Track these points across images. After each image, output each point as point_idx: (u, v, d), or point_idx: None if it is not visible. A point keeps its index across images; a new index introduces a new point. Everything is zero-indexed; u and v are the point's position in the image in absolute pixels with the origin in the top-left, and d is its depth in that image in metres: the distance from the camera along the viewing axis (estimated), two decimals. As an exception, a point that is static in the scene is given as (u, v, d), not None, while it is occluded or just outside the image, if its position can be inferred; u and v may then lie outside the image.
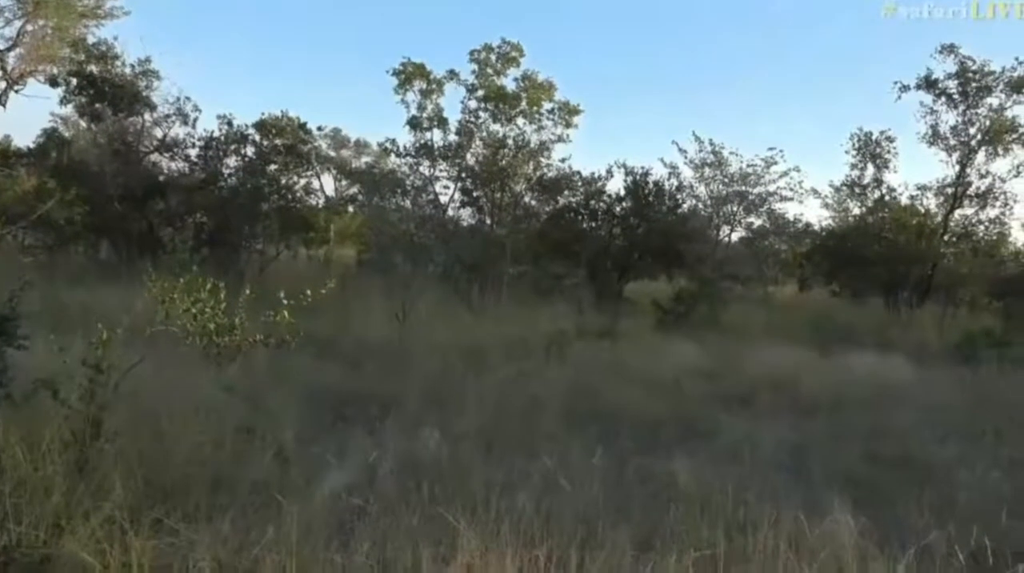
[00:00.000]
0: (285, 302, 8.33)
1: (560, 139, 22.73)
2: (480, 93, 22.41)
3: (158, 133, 22.82)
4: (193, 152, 22.62)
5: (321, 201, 26.43)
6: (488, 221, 23.02)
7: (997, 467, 6.78)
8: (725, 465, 6.45)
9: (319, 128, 26.02)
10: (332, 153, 33.54)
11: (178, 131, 22.75)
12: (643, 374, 10.58)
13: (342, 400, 8.22)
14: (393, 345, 11.75)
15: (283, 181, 23.28)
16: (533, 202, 23.42)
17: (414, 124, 22.62)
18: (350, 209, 28.48)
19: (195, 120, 22.59)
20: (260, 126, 23.11)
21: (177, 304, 8.58)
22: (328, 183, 28.27)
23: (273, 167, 23.00)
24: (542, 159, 22.75)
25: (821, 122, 50.76)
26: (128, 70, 22.01)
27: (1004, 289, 22.44)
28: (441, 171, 23.16)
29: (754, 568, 4.16)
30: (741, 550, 4.40)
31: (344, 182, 29.88)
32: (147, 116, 22.52)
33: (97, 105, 21.35)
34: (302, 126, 23.76)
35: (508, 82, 22.40)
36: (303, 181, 24.41)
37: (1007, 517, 4.71)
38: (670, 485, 5.85)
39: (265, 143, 22.94)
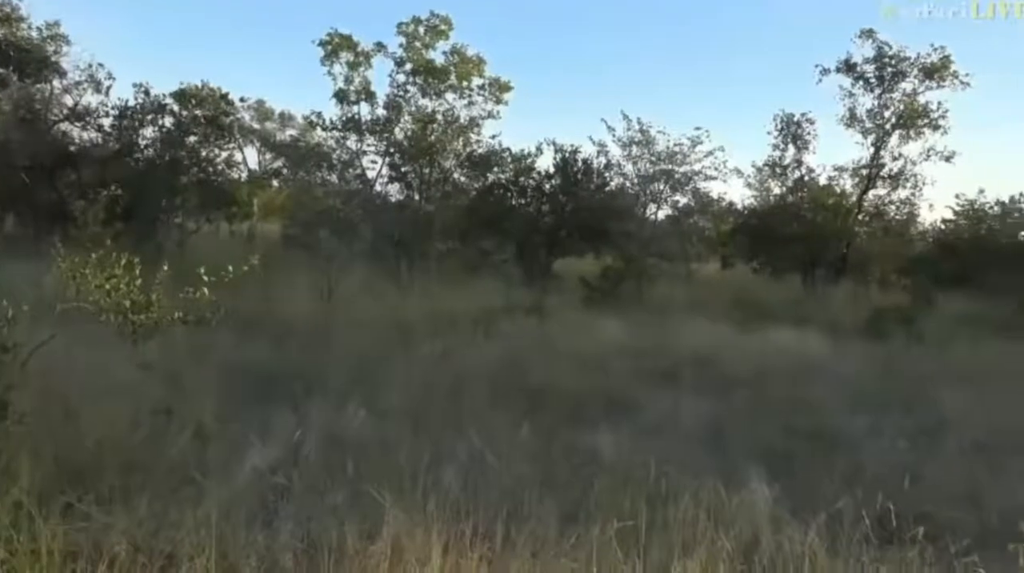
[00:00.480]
0: (205, 278, 8.07)
1: (490, 115, 22.67)
2: (408, 67, 22.09)
3: (68, 101, 21.73)
4: (107, 122, 21.62)
5: (244, 174, 25.70)
6: (417, 197, 22.81)
7: (903, 436, 7.13)
8: (649, 439, 6.59)
9: (242, 99, 25.36)
10: (256, 125, 32.64)
11: (90, 99, 21.71)
12: (570, 350, 10.70)
13: (265, 378, 8.05)
14: (319, 322, 11.56)
15: (203, 153, 22.49)
16: (463, 178, 23.30)
17: (341, 97, 22.17)
18: (274, 183, 27.79)
19: (108, 88, 21.63)
20: (179, 96, 22.22)
21: (89, 280, 8.21)
22: (251, 156, 27.52)
23: (193, 139, 22.19)
24: (472, 135, 22.65)
25: (747, 103, 51.89)
26: (35, 33, 20.87)
27: (912, 267, 23.45)
28: (369, 146, 22.85)
29: (674, 537, 4.26)
30: (662, 520, 4.51)
31: (268, 155, 29.12)
32: (56, 83, 21.44)
33: (1, 70, 20.17)
34: (224, 97, 22.99)
35: (437, 56, 22.19)
36: (225, 154, 23.67)
37: (910, 483, 4.94)
38: (595, 459, 5.95)
39: (184, 114, 22.09)
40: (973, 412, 8.09)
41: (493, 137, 22.85)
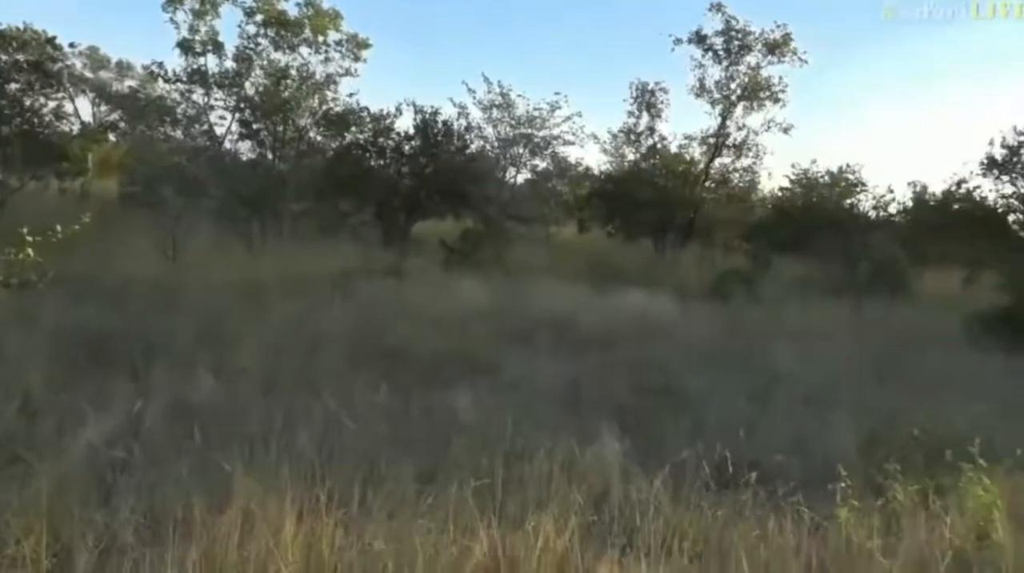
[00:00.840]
0: (30, 238, 7.39)
1: (348, 73, 22.00)
2: (259, 17, 20.97)
3: None
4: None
5: (76, 127, 23.65)
6: (270, 156, 21.87)
7: (741, 392, 7.62)
8: (506, 398, 6.70)
9: (72, 45, 23.05)
10: (89, 74, 30.10)
11: None
12: (429, 313, 10.68)
13: (102, 343, 7.53)
14: (162, 284, 10.92)
15: (27, 103, 20.49)
16: (318, 137, 22.52)
17: (185, 47, 20.77)
18: (111, 138, 25.79)
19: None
20: (-4, 38, 20.09)
21: None
22: (84, 108, 25.38)
23: (14, 86, 20.15)
24: (328, 93, 21.91)
25: (605, 71, 52.99)
26: None
27: (753, 232, 24.93)
28: (217, 100, 21.57)
29: (530, 493, 4.38)
30: (518, 477, 4.62)
31: (104, 107, 26.97)
32: None
33: None
34: (50, 41, 20.93)
35: (290, 7, 21.20)
36: (53, 104, 21.66)
37: (745, 434, 5.31)
38: (453, 419, 5.99)
39: (4, 58, 20.00)
40: (802, 367, 8.75)
41: (351, 95, 22.22)
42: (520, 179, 26.70)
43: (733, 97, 24.16)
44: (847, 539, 4.02)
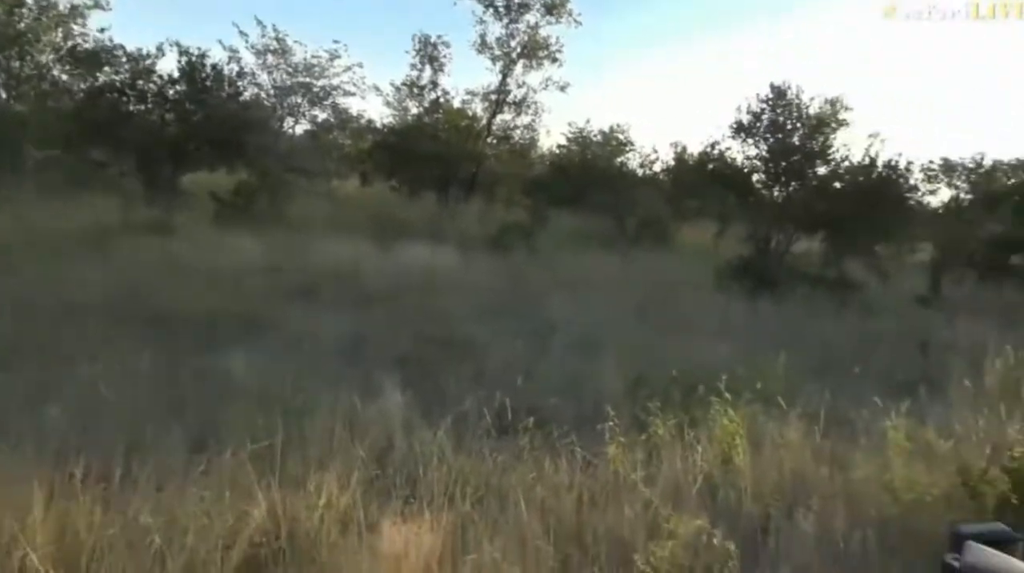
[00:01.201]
0: None
1: (97, 5, 19.75)
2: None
3: None
4: None
5: None
6: (4, 95, 19.25)
7: (519, 339, 7.92)
8: (286, 357, 6.50)
9: None
10: None
11: None
12: (202, 271, 10.04)
13: None
14: None
15: None
16: (64, 76, 20.12)
17: None
18: None
19: None
20: None
21: None
22: None
23: None
24: (75, 26, 19.58)
25: (390, 23, 51.74)
26: None
27: (532, 188, 25.78)
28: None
29: (312, 451, 4.29)
30: (299, 436, 4.50)
31: None
32: None
33: None
34: None
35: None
36: None
37: (523, 380, 5.54)
38: (228, 382, 5.71)
39: None
40: (576, 315, 9.26)
41: (102, 31, 19.99)
42: (299, 130, 25.66)
43: (513, 55, 24.61)
44: (615, 472, 4.33)
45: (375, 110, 52.56)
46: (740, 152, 19.01)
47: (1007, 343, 7.52)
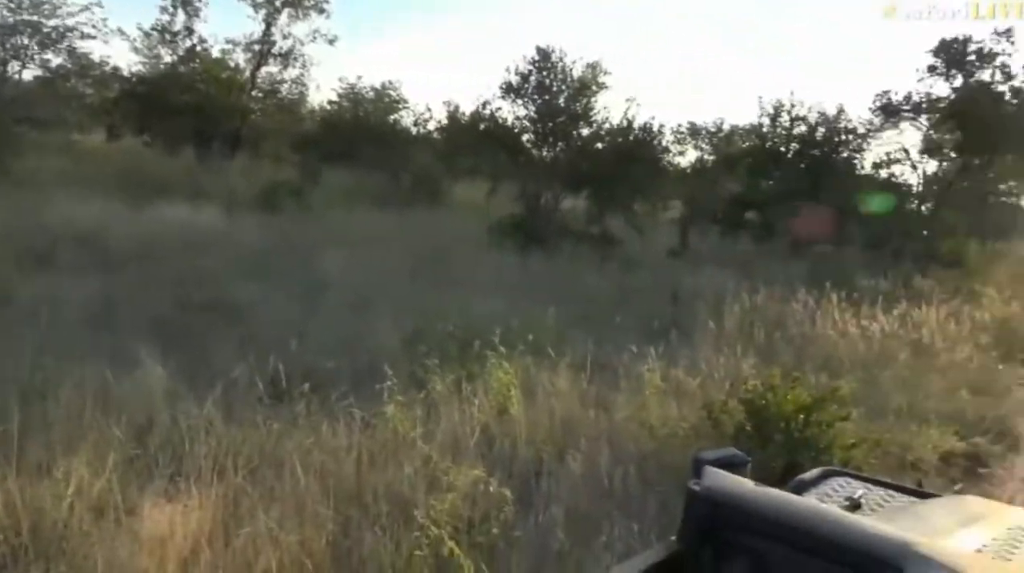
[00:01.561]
0: None
1: None
2: None
3: None
4: None
5: None
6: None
7: (293, 301, 7.63)
8: (21, 330, 5.78)
9: None
10: None
11: None
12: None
13: None
14: None
15: None
16: None
17: None
18: None
19: None
20: None
21: None
22: None
23: None
24: None
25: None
26: None
27: (302, 144, 24.79)
28: None
29: (57, 434, 3.88)
30: (41, 418, 4.05)
31: None
32: None
33: None
34: None
35: None
36: None
37: (297, 344, 5.35)
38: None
39: None
40: (351, 273, 9.09)
41: None
42: (28, 76, 22.53)
43: (277, 2, 23.30)
44: (394, 431, 4.33)
45: (122, 57, 47.59)
46: (511, 112, 19.43)
47: (743, 290, 8.45)
